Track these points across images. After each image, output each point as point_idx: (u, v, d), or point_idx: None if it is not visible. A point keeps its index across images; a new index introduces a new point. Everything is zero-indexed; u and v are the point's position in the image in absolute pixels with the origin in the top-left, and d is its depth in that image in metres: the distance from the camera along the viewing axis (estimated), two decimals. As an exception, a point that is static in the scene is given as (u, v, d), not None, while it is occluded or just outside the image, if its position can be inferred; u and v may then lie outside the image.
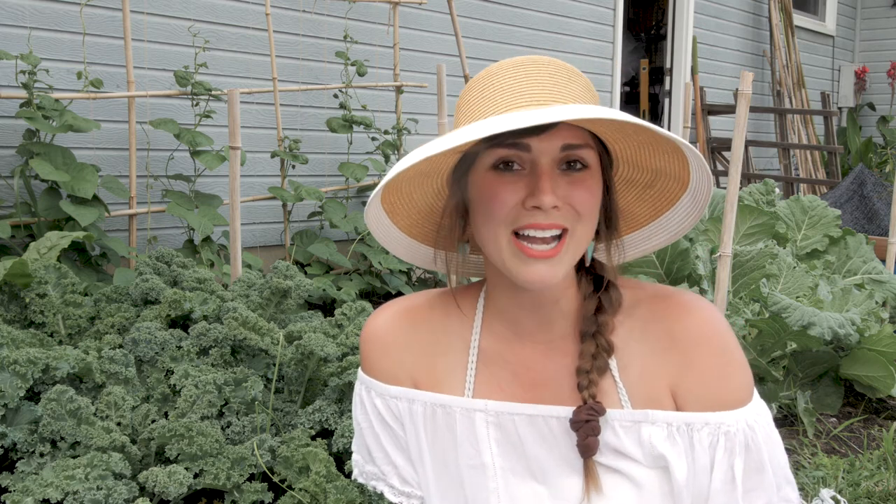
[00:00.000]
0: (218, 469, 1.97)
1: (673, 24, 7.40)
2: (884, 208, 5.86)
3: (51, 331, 2.53)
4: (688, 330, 1.02)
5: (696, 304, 1.04)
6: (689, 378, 1.01)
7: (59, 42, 3.53)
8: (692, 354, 1.01)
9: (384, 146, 4.45)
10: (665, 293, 1.07)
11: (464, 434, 1.05)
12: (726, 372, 1.01)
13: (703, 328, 1.02)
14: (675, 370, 1.02)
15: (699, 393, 1.01)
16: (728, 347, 1.02)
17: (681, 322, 1.02)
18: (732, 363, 1.02)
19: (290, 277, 2.80)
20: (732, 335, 1.05)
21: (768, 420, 1.04)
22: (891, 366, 2.99)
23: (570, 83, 0.97)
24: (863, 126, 9.68)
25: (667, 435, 1.00)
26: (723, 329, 1.03)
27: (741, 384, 1.02)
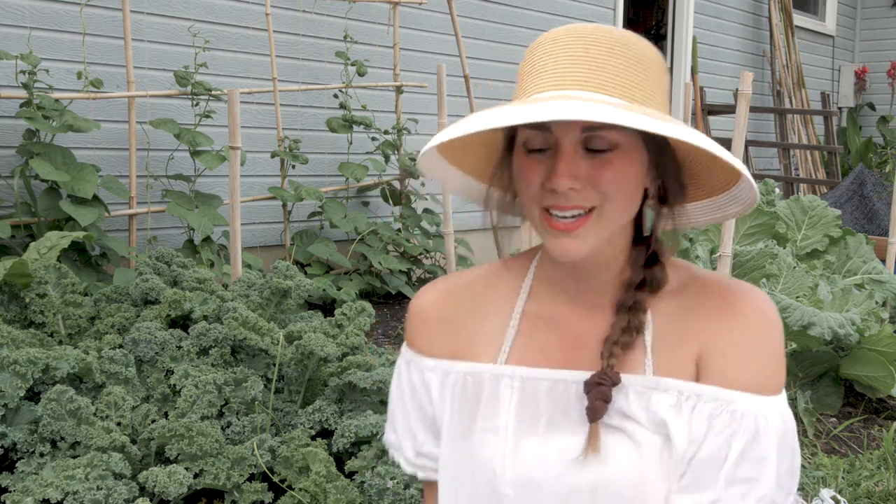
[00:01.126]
0: (218, 469, 1.97)
1: (673, 24, 7.40)
2: (884, 208, 5.86)
3: (51, 331, 2.53)
4: (735, 305, 1.01)
5: (752, 289, 1.04)
6: (719, 345, 1.00)
7: (59, 42, 3.53)
8: (730, 324, 1.01)
9: (384, 146, 4.45)
10: (721, 278, 1.07)
11: (487, 399, 1.07)
12: (757, 355, 1.00)
13: (749, 307, 1.01)
14: (707, 335, 1.01)
15: (722, 365, 1.00)
16: (770, 334, 1.01)
17: (730, 298, 1.02)
18: (767, 349, 1.00)
19: (290, 277, 2.80)
20: (780, 330, 1.03)
21: (789, 423, 1.01)
22: (891, 366, 2.99)
23: (610, 59, 0.95)
24: (863, 126, 9.68)
25: (674, 402, 1.00)
26: (771, 318, 1.02)
27: (768, 375, 1.00)
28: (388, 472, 1.92)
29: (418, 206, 4.83)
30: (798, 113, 7.74)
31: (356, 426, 2.11)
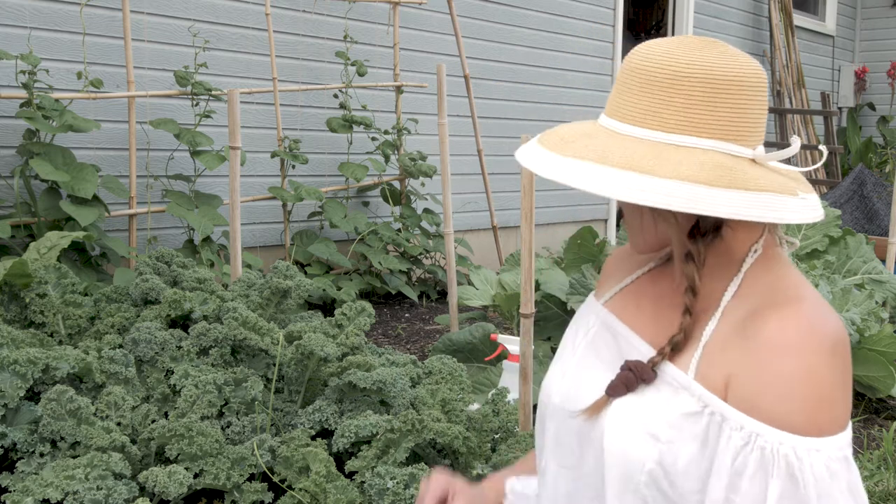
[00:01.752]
0: (218, 469, 1.97)
1: (673, 24, 7.40)
2: (884, 208, 5.86)
3: (51, 331, 2.53)
4: (777, 330, 0.96)
5: (805, 313, 0.98)
6: (748, 373, 0.96)
7: (59, 42, 3.53)
8: (767, 354, 0.96)
9: (384, 146, 4.45)
10: (797, 293, 1.02)
11: (581, 323, 1.22)
12: (790, 391, 0.94)
13: (790, 336, 0.95)
14: (741, 360, 0.97)
15: (750, 391, 0.96)
16: (808, 370, 0.94)
17: (775, 320, 0.97)
18: (803, 387, 0.93)
19: (290, 277, 2.80)
20: (827, 365, 0.95)
21: (838, 469, 0.93)
22: (891, 366, 2.99)
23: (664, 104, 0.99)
24: (863, 126, 9.68)
25: (694, 412, 0.98)
26: (815, 350, 0.95)
27: (801, 415, 0.93)
28: (388, 472, 1.92)
29: (418, 206, 4.83)
30: (798, 113, 7.74)
31: (356, 426, 2.11)
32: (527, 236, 1.93)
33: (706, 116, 0.98)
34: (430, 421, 2.03)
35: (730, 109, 0.98)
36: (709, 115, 0.98)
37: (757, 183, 0.95)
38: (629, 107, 1.01)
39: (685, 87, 0.98)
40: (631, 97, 1.01)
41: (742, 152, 0.99)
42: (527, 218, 2.01)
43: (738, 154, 0.99)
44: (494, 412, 2.25)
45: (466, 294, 3.51)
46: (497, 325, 3.83)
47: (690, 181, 0.93)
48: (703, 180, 0.93)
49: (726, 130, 0.98)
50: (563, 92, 5.99)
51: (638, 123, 1.00)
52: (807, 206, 0.99)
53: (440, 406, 2.25)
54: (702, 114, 0.98)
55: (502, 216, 5.23)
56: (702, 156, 0.96)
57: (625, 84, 1.03)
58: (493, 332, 3.04)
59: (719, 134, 0.98)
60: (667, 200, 0.92)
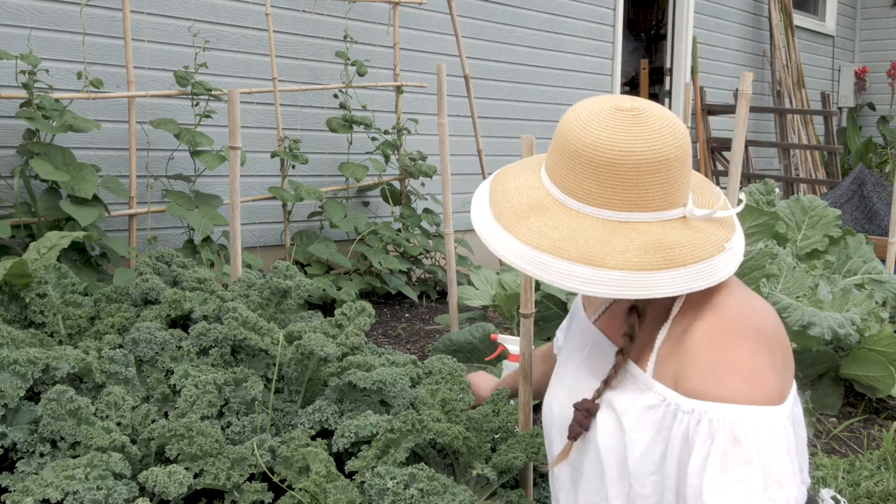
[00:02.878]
0: (218, 469, 1.97)
1: (673, 24, 7.39)
2: (884, 208, 5.86)
3: (51, 331, 2.53)
4: (700, 330, 1.15)
5: (731, 310, 1.17)
6: (687, 370, 1.14)
7: (59, 42, 3.53)
8: (692, 352, 1.14)
9: (384, 146, 4.45)
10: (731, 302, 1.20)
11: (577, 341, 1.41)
12: (723, 375, 1.10)
13: (712, 330, 1.15)
14: (680, 361, 1.15)
15: (692, 384, 1.12)
16: (735, 357, 1.11)
17: (702, 322, 1.16)
18: (730, 368, 1.10)
19: (290, 277, 2.80)
20: (746, 344, 1.13)
21: (775, 429, 1.07)
22: (891, 366, 2.99)
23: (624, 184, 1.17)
24: (863, 126, 9.68)
25: (652, 405, 1.17)
26: (737, 339, 1.13)
27: (738, 389, 1.09)
28: (388, 472, 1.92)
29: (418, 206, 4.83)
30: (798, 113, 7.73)
31: (356, 426, 2.10)
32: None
33: (641, 195, 1.14)
34: (430, 421, 2.03)
35: (660, 186, 1.15)
36: (643, 193, 1.14)
37: (693, 255, 1.14)
38: (573, 184, 1.17)
39: (620, 173, 1.14)
40: (574, 176, 1.17)
41: (674, 214, 1.17)
42: (527, 218, 2.01)
43: (671, 218, 1.17)
44: (494, 412, 2.25)
45: (466, 294, 3.51)
46: (497, 325, 3.83)
47: (638, 270, 1.11)
48: (648, 266, 1.11)
49: (659, 203, 1.16)
50: (563, 92, 5.99)
51: (583, 201, 1.16)
52: (733, 257, 1.19)
53: (440, 406, 2.25)
54: (637, 194, 1.14)
55: (502, 216, 5.22)
56: (644, 235, 1.13)
57: (565, 160, 1.18)
58: (493, 332, 3.04)
59: (654, 206, 1.15)
60: (623, 292, 1.11)
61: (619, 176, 1.14)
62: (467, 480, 2.09)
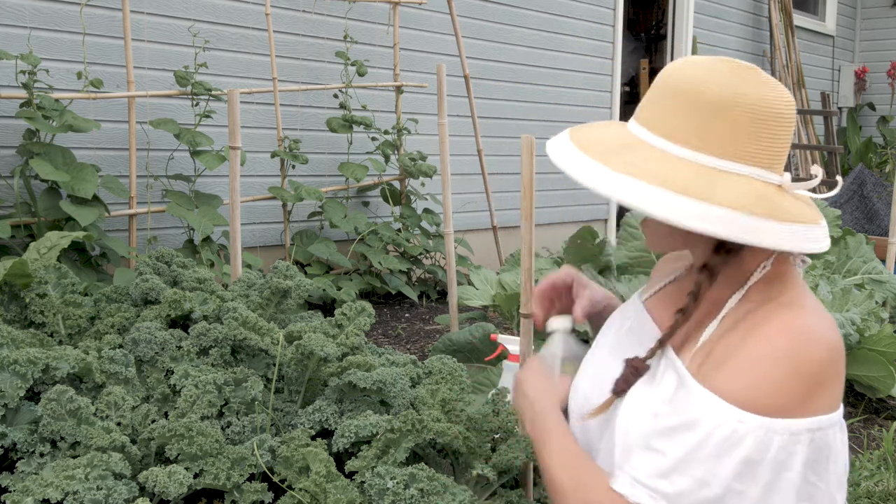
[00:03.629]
0: (218, 469, 1.97)
1: (673, 24, 7.39)
2: (884, 208, 5.86)
3: (51, 331, 2.53)
4: (760, 332, 1.08)
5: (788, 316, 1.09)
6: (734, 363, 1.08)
7: (59, 42, 3.53)
8: (743, 344, 1.08)
9: (384, 146, 4.45)
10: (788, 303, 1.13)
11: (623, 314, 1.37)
12: (747, 368, 1.05)
13: (772, 333, 1.06)
14: (731, 352, 1.10)
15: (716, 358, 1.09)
16: (774, 362, 1.04)
17: (765, 324, 1.09)
18: (762, 372, 1.03)
19: (290, 277, 2.80)
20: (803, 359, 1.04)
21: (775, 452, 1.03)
22: (891, 366, 2.99)
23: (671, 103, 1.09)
24: (863, 126, 9.68)
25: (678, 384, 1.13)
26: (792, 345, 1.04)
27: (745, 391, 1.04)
28: (388, 472, 1.92)
29: (418, 206, 4.83)
30: (798, 113, 7.73)
31: (356, 426, 2.11)
32: (527, 236, 1.93)
33: (749, 146, 1.04)
34: (430, 421, 2.04)
35: (770, 140, 1.05)
36: (751, 144, 1.04)
37: (790, 214, 1.04)
38: (671, 125, 1.06)
39: (731, 116, 1.03)
40: (673, 116, 1.06)
41: (773, 179, 1.07)
42: (527, 218, 2.01)
43: (769, 181, 1.07)
44: (494, 412, 2.25)
45: (466, 294, 3.51)
46: (497, 325, 3.83)
47: (741, 211, 1.00)
48: (756, 211, 1.01)
49: (762, 158, 1.06)
50: (563, 92, 5.98)
51: (680, 143, 1.05)
52: (825, 234, 1.11)
53: (440, 406, 2.25)
54: (745, 143, 1.04)
55: (502, 216, 5.23)
56: (745, 185, 1.03)
57: (666, 101, 1.07)
58: (493, 332, 3.04)
59: (757, 161, 1.05)
60: (725, 230, 0.99)
61: (729, 119, 1.03)
62: (467, 480, 2.09)
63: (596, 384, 1.27)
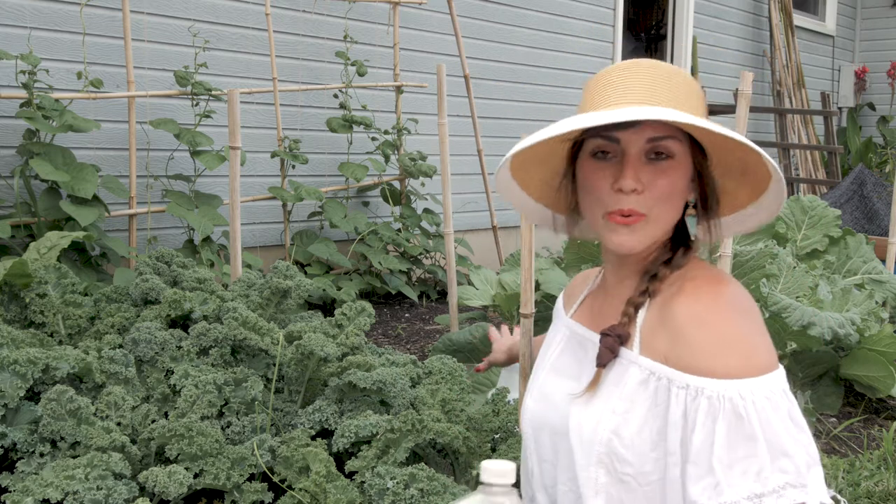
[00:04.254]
0: (218, 469, 1.97)
1: (673, 24, 7.40)
2: (884, 208, 5.86)
3: (51, 331, 2.53)
4: (682, 309, 1.15)
5: (705, 286, 1.18)
6: (678, 351, 1.13)
7: (59, 42, 3.53)
8: (682, 333, 1.13)
9: (384, 146, 4.45)
10: (697, 276, 1.21)
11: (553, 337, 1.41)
12: (715, 352, 1.10)
13: (695, 308, 1.14)
14: (668, 344, 1.14)
15: (685, 364, 1.11)
16: (721, 333, 1.11)
17: (681, 300, 1.16)
18: (724, 346, 1.10)
19: (290, 277, 2.80)
20: (733, 318, 1.13)
21: (776, 399, 1.07)
22: (891, 366, 2.99)
23: (669, 84, 1.16)
24: (863, 126, 9.68)
25: (643, 380, 1.15)
26: (715, 317, 1.13)
27: (732, 364, 1.08)
28: (388, 472, 1.92)
29: (418, 206, 4.83)
30: (798, 113, 7.73)
31: (356, 426, 2.11)
32: (527, 236, 1.93)
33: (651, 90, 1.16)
34: (430, 421, 2.04)
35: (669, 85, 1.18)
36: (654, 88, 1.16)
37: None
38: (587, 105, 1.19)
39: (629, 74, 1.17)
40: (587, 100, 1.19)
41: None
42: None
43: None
44: (494, 412, 2.25)
45: (466, 294, 3.51)
46: (497, 325, 3.82)
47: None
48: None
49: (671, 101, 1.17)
50: (563, 92, 5.99)
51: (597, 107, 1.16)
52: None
53: (440, 406, 2.25)
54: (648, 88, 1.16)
55: (502, 216, 5.23)
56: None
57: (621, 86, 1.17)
58: (493, 332, 3.03)
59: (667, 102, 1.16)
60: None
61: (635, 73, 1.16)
62: (467, 480, 2.09)
63: (541, 399, 1.33)
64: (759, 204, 1.22)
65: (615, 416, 1.15)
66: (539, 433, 1.32)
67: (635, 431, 1.14)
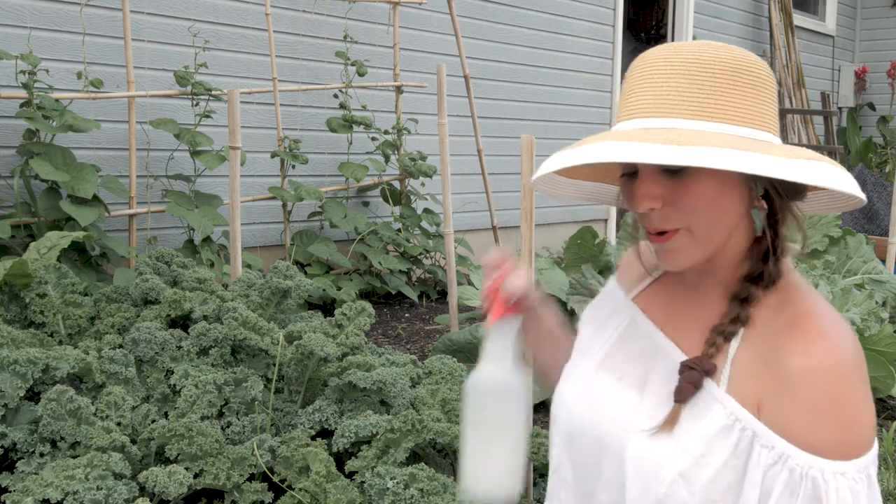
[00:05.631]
0: (218, 469, 1.97)
1: (673, 24, 7.40)
2: (884, 208, 5.86)
3: (51, 331, 2.53)
4: (804, 355, 0.96)
5: (829, 335, 0.98)
6: (781, 401, 0.97)
7: (59, 42, 3.53)
8: (795, 381, 0.96)
9: (384, 146, 4.45)
10: (812, 311, 1.01)
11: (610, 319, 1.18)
12: (821, 416, 0.95)
13: (819, 361, 0.96)
14: (772, 389, 0.97)
15: (782, 421, 0.96)
16: (838, 395, 0.95)
17: (802, 344, 0.97)
18: (833, 411, 0.95)
19: (290, 277, 2.80)
20: (855, 387, 0.97)
21: (860, 490, 0.95)
22: (891, 366, 2.99)
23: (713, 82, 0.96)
24: (863, 126, 9.68)
25: (727, 426, 0.98)
26: (843, 374, 0.96)
27: (832, 438, 0.95)
28: (388, 472, 1.92)
29: (418, 206, 4.83)
30: (798, 113, 7.74)
31: (356, 426, 2.11)
32: (527, 236, 1.93)
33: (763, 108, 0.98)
34: (430, 421, 2.04)
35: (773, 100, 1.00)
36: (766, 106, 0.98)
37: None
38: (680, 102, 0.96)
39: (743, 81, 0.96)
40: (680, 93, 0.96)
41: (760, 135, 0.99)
42: (527, 218, 2.01)
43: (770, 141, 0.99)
44: (494, 412, 2.25)
45: (466, 294, 3.51)
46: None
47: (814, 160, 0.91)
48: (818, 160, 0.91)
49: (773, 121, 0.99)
50: (563, 92, 5.99)
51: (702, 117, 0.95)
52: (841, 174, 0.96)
53: (440, 406, 2.25)
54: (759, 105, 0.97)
55: (502, 216, 5.23)
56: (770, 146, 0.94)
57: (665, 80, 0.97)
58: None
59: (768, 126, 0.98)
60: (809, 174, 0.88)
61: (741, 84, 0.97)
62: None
63: (587, 398, 1.12)
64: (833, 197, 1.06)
65: (686, 457, 0.98)
66: (579, 435, 1.13)
67: (707, 481, 0.98)
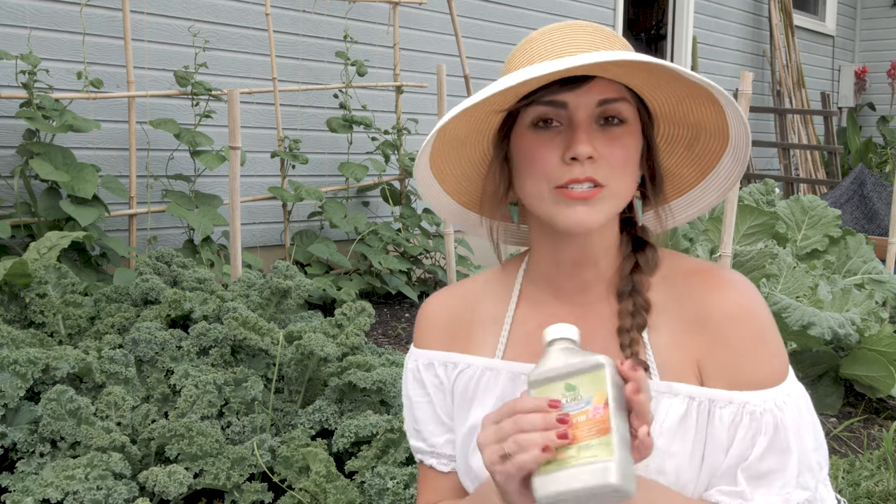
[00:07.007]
0: (218, 469, 1.97)
1: (673, 24, 7.40)
2: (884, 208, 5.86)
3: (51, 331, 2.53)
4: (722, 305, 1.02)
5: (734, 280, 1.04)
6: (719, 355, 1.01)
7: (59, 42, 3.53)
8: (724, 331, 1.01)
9: (384, 146, 4.45)
10: (704, 267, 1.07)
11: (480, 394, 1.10)
12: (759, 352, 1.01)
13: (738, 305, 1.02)
14: (705, 345, 1.02)
15: (728, 371, 1.01)
16: (763, 327, 1.02)
17: (716, 296, 1.03)
18: (766, 343, 1.01)
19: (290, 277, 2.80)
20: (769, 315, 1.04)
21: (801, 401, 1.02)
22: (891, 366, 2.99)
23: (608, 41, 1.01)
24: (863, 126, 9.68)
25: (684, 412, 1.00)
26: (759, 308, 1.03)
27: (773, 366, 1.01)
28: (388, 472, 1.92)
29: (418, 206, 4.83)
30: (798, 113, 7.73)
31: (356, 426, 2.11)
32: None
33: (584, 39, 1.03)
34: (430, 421, 2.03)
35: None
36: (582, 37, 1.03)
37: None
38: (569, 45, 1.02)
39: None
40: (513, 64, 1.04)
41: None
42: (527, 218, 2.01)
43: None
44: (494, 412, 2.25)
45: (466, 294, 3.50)
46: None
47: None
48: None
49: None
50: (563, 92, 5.98)
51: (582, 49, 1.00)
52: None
53: (440, 406, 2.25)
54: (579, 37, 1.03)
55: (502, 216, 5.23)
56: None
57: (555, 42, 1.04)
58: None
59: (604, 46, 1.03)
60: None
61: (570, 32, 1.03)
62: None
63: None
64: (708, 184, 1.09)
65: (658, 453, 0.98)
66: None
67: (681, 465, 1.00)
